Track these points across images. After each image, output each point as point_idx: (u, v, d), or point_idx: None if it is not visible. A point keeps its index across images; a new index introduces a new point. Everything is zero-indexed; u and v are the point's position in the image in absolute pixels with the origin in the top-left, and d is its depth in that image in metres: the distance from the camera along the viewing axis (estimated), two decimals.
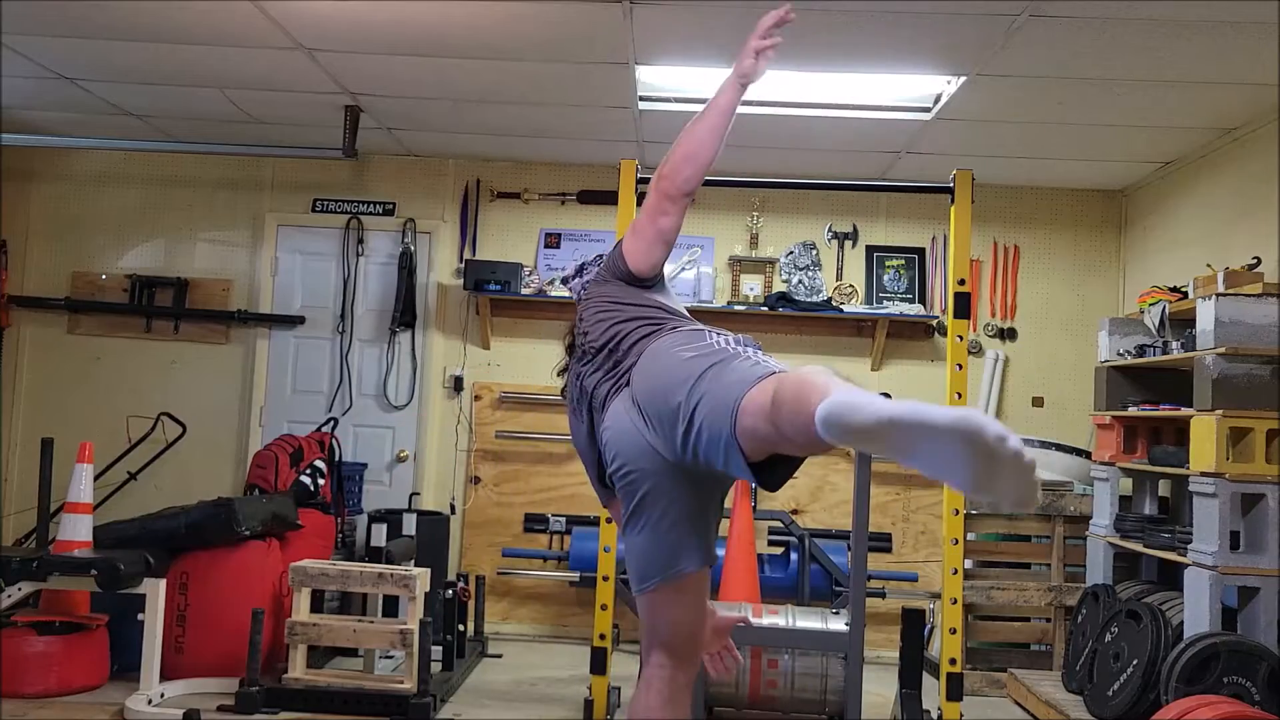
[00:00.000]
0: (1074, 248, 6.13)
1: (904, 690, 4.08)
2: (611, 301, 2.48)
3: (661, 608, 2.35)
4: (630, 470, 2.24)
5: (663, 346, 2.27)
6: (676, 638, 2.38)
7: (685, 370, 2.11)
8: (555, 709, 4.49)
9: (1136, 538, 4.70)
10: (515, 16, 4.01)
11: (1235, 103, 4.50)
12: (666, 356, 2.21)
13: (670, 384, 2.13)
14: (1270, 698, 3.65)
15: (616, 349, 2.37)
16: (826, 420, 1.59)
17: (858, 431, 1.57)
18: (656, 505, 2.25)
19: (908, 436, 1.53)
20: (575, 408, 2.52)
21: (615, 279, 2.52)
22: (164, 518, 4.55)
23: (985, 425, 1.46)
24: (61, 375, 6.28)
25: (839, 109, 4.91)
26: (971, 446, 1.47)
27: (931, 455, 1.51)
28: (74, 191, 6.36)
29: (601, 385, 2.37)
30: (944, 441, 1.49)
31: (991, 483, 1.49)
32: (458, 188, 6.27)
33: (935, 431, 1.49)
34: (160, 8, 4.10)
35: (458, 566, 5.97)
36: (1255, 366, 4.01)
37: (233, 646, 4.35)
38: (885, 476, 5.92)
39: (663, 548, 2.28)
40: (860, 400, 1.58)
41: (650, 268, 2.50)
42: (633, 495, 2.26)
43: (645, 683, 2.38)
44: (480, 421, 6.12)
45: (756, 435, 1.91)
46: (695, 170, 2.47)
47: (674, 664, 2.37)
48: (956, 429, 1.47)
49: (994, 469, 1.47)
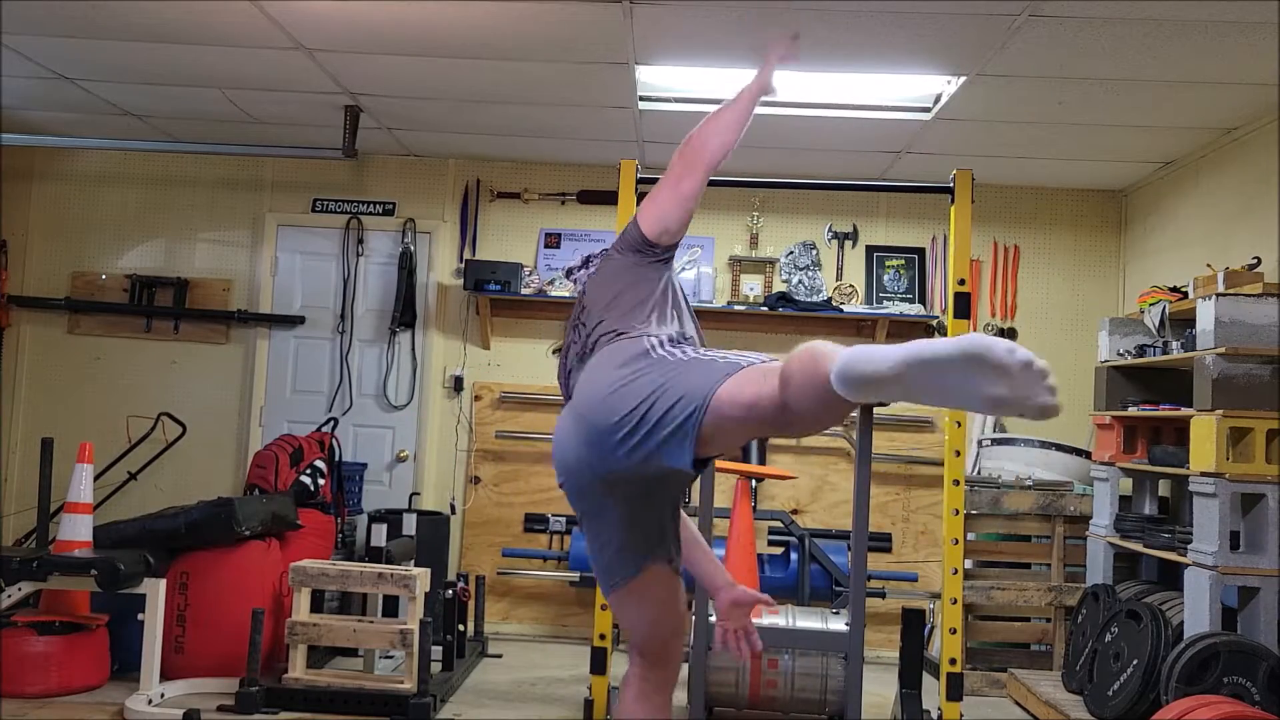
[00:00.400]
0: (1074, 248, 6.13)
1: (904, 690, 4.08)
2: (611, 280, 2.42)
3: (629, 608, 2.40)
4: (569, 482, 2.25)
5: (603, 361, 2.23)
6: (649, 637, 2.42)
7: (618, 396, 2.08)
8: (555, 709, 4.49)
9: (1136, 538, 4.70)
10: (515, 16, 4.01)
11: (1235, 103, 4.50)
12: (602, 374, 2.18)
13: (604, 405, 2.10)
14: (1270, 698, 3.65)
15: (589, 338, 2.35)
16: (844, 373, 1.63)
17: (875, 380, 1.62)
18: (605, 513, 2.28)
19: (923, 373, 1.59)
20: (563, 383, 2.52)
21: (626, 250, 2.45)
22: (164, 518, 4.55)
23: (992, 342, 1.54)
24: (61, 375, 6.28)
25: (839, 109, 4.91)
26: (983, 366, 1.53)
27: (949, 386, 1.58)
28: (74, 191, 6.36)
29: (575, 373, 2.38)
30: (957, 369, 1.55)
31: (1011, 396, 1.54)
32: (458, 188, 6.27)
33: (947, 362, 1.56)
34: (160, 8, 4.10)
35: (458, 566, 5.97)
36: (1255, 366, 4.01)
37: (233, 646, 4.35)
38: (885, 477, 5.92)
39: (616, 552, 2.32)
40: (872, 351, 1.64)
41: (665, 231, 2.42)
42: (582, 504, 2.29)
43: (624, 681, 2.47)
44: (480, 421, 6.12)
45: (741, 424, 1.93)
46: (721, 144, 2.48)
47: (642, 662, 2.42)
48: (966, 354, 1.54)
49: (1010, 382, 1.54)
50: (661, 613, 2.40)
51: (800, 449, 5.97)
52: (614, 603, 2.39)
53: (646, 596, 2.36)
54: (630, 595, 2.35)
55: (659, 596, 2.38)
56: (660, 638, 2.42)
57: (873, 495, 5.73)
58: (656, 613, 2.40)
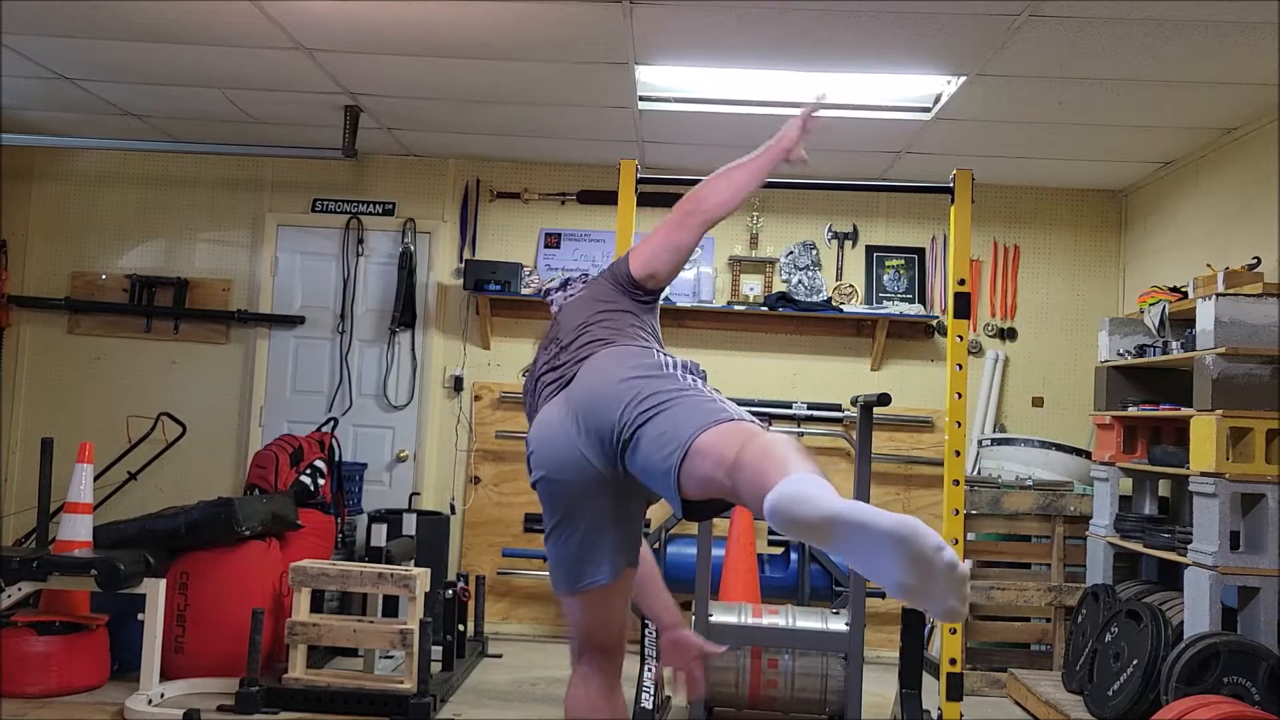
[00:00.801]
0: (1074, 248, 6.13)
1: (904, 690, 4.08)
2: (593, 300, 2.48)
3: (591, 610, 2.40)
4: (553, 481, 2.24)
5: (614, 357, 2.26)
6: (609, 635, 2.43)
7: (627, 390, 2.11)
8: (555, 709, 4.48)
9: (1136, 538, 4.69)
10: (515, 16, 4.00)
11: (1235, 103, 4.49)
12: (612, 371, 2.20)
13: (609, 399, 2.13)
14: (1270, 698, 3.65)
15: (568, 348, 2.37)
16: (774, 510, 1.61)
17: (802, 525, 1.60)
18: (581, 515, 2.27)
19: (850, 535, 1.56)
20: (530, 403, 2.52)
21: (611, 283, 2.52)
22: (164, 518, 4.55)
23: (923, 533, 1.51)
24: (61, 375, 6.28)
25: (839, 109, 4.90)
26: (908, 551, 1.51)
27: (869, 555, 1.55)
28: (74, 191, 6.36)
29: (545, 377, 2.38)
30: (884, 544, 1.53)
31: (924, 588, 1.53)
32: (458, 188, 6.27)
33: (874, 533, 1.54)
34: (160, 8, 4.10)
35: (458, 566, 5.97)
36: (1255, 366, 4.01)
37: (233, 646, 4.35)
38: (885, 476, 5.92)
39: (586, 556, 2.31)
40: (809, 492, 1.62)
41: (652, 276, 2.49)
42: (558, 504, 2.27)
43: (582, 678, 2.44)
44: (480, 421, 6.12)
45: (706, 481, 1.92)
46: (721, 202, 2.54)
47: (606, 656, 2.43)
48: (895, 533, 1.52)
49: (928, 576, 1.52)
50: (625, 612, 2.44)
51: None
52: (579, 604, 2.37)
53: (618, 598, 2.38)
54: (601, 597, 2.35)
55: (626, 598, 2.42)
56: (622, 635, 2.46)
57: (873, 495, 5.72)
58: (622, 613, 2.43)
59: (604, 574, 2.32)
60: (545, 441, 2.26)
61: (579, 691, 2.42)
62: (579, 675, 2.44)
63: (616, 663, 2.46)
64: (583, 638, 2.43)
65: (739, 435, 1.88)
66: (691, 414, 1.99)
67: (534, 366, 2.51)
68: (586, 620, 2.40)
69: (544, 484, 2.27)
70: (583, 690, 2.42)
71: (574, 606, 2.40)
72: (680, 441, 1.94)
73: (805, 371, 6.08)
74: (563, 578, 2.34)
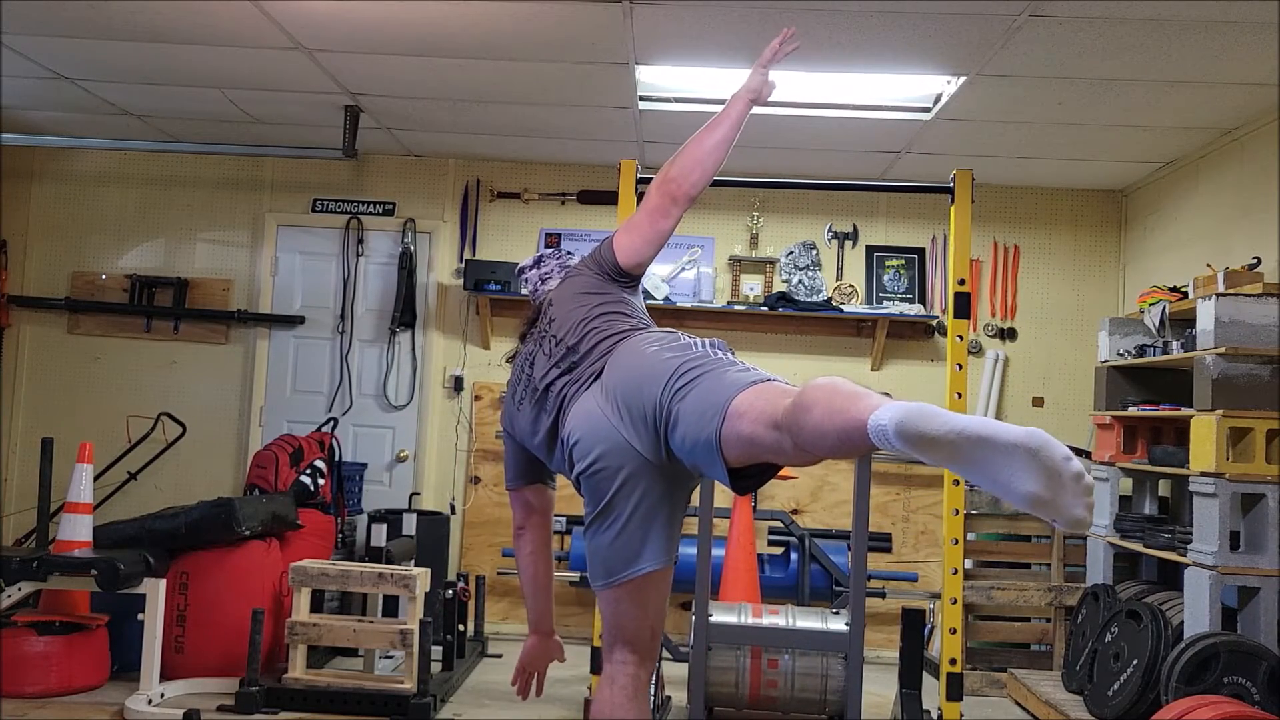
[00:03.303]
0: (1074, 248, 6.13)
1: (904, 690, 4.08)
2: (586, 294, 2.48)
3: (625, 605, 2.36)
4: (603, 467, 2.24)
5: (641, 343, 2.28)
6: (641, 634, 2.39)
7: (665, 367, 2.14)
8: (555, 709, 4.49)
9: (1136, 538, 4.70)
10: (515, 16, 4.01)
11: (1235, 103, 4.50)
12: (646, 354, 2.22)
13: (649, 380, 2.15)
14: (1270, 698, 3.65)
15: (577, 348, 2.37)
16: (904, 427, 1.64)
17: (930, 439, 1.63)
18: (626, 503, 2.25)
19: (975, 449, 1.60)
20: (516, 395, 2.51)
21: (597, 272, 2.52)
22: (164, 518, 4.55)
23: (1052, 442, 1.56)
24: (61, 375, 6.28)
25: (839, 109, 4.91)
26: (1037, 462, 1.56)
27: (998, 468, 1.59)
28: (74, 191, 6.36)
29: (557, 381, 2.37)
30: (1011, 456, 1.58)
31: (1054, 498, 1.57)
32: (458, 188, 6.27)
33: (1004, 446, 1.58)
34: (160, 8, 4.10)
35: (458, 566, 5.98)
36: (1255, 366, 4.01)
37: (233, 646, 4.36)
38: (885, 476, 5.92)
39: (628, 545, 2.28)
40: (932, 410, 1.66)
41: (639, 265, 2.52)
42: (603, 493, 2.26)
43: (608, 679, 2.40)
44: (480, 421, 6.12)
45: (750, 441, 1.93)
46: (703, 176, 2.51)
47: (637, 660, 2.39)
48: (1025, 445, 1.56)
49: (1056, 486, 1.56)
50: (663, 608, 2.42)
51: None
52: (615, 596, 2.34)
53: (655, 592, 2.36)
54: (639, 589, 2.32)
55: (664, 588, 2.39)
56: (659, 632, 2.43)
57: (873, 495, 5.74)
58: (659, 610, 2.40)
59: (645, 564, 2.30)
60: (588, 430, 2.25)
61: (604, 693, 2.39)
62: (605, 675, 2.41)
63: (648, 666, 2.42)
64: (614, 634, 2.39)
65: (778, 391, 1.93)
66: (724, 380, 2.03)
67: (528, 365, 2.49)
68: (620, 614, 2.36)
69: (591, 470, 2.26)
70: (606, 692, 2.38)
71: (609, 600, 2.36)
72: (718, 407, 1.97)
73: (805, 371, 6.07)
74: (601, 569, 2.32)
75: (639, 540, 2.29)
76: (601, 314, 2.41)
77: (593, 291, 2.48)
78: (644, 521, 2.28)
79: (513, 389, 2.55)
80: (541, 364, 2.43)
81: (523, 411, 2.48)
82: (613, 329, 2.37)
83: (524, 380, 2.48)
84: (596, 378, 2.30)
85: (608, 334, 2.36)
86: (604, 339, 2.35)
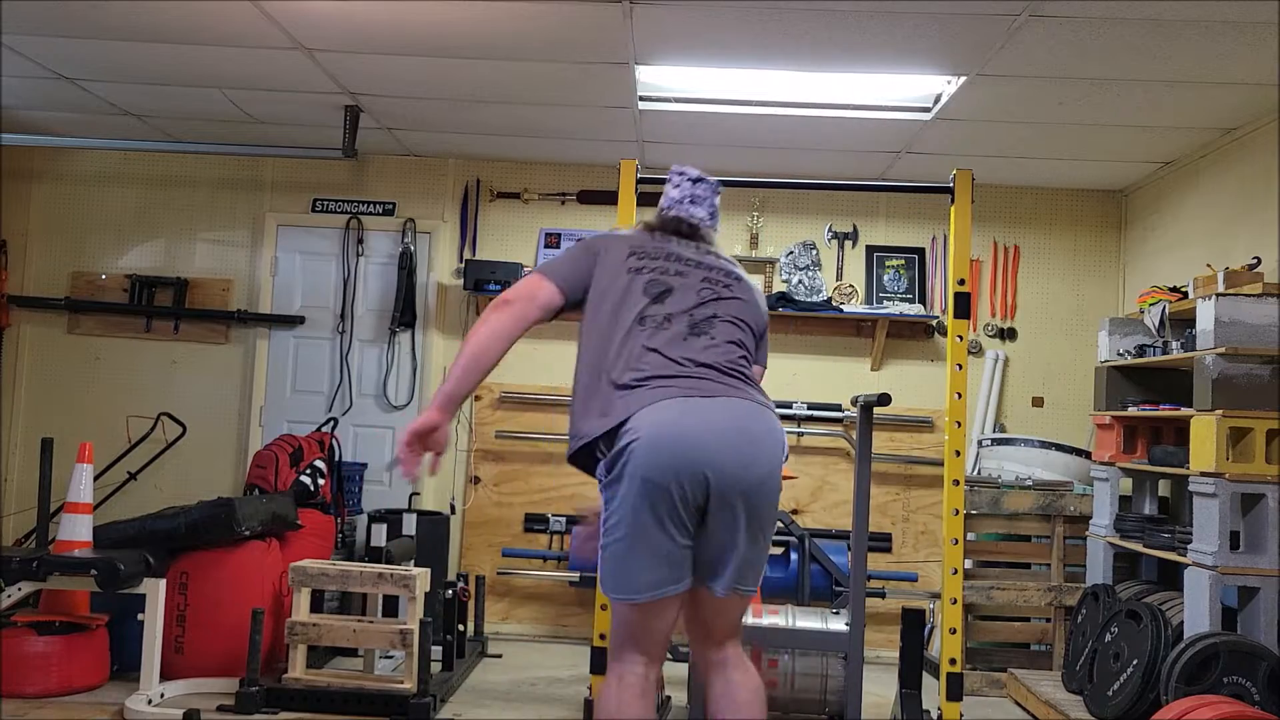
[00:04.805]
0: (1074, 248, 6.13)
1: (904, 690, 4.08)
2: (743, 322, 2.65)
3: (640, 615, 2.42)
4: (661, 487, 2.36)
5: (776, 433, 2.55)
6: (657, 641, 2.45)
7: (774, 509, 2.55)
8: (555, 709, 4.49)
9: (1136, 538, 4.70)
10: (515, 16, 4.01)
11: (1235, 103, 4.50)
12: (778, 459, 2.52)
13: (768, 497, 2.48)
14: (1270, 698, 3.65)
15: (709, 354, 2.53)
16: None
17: None
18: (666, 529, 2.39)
19: None
20: (637, 263, 2.64)
21: (753, 322, 2.68)
22: (164, 518, 4.55)
23: None
24: (61, 375, 6.28)
25: (839, 109, 4.91)
26: None
27: None
28: (74, 191, 6.36)
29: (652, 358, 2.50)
30: None
31: None
32: (458, 188, 6.27)
33: None
34: (160, 8, 4.10)
35: (458, 566, 5.98)
36: (1255, 366, 4.01)
37: (233, 646, 4.35)
38: (885, 476, 5.92)
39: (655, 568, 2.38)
40: None
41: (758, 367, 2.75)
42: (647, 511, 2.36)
43: (617, 677, 2.44)
44: (480, 421, 6.12)
45: (721, 616, 2.60)
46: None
47: (646, 661, 2.45)
48: None
49: None
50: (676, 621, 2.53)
51: (800, 449, 5.97)
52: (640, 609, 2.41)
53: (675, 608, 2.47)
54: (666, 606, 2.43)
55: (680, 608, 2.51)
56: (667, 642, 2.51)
57: (873, 495, 5.74)
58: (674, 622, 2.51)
59: (683, 584, 2.41)
60: (674, 450, 2.35)
61: (611, 691, 2.42)
62: (614, 674, 2.44)
63: (656, 667, 2.48)
64: (626, 638, 2.44)
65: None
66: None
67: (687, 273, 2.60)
68: (640, 624, 2.43)
69: (648, 485, 2.33)
70: (614, 689, 2.42)
71: (629, 610, 2.42)
72: (752, 583, 2.49)
73: (805, 371, 6.08)
74: (632, 584, 2.39)
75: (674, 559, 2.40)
76: (745, 355, 2.61)
77: (750, 328, 2.66)
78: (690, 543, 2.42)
79: (635, 250, 2.64)
80: (652, 334, 2.51)
81: (641, 285, 2.56)
82: (745, 374, 2.57)
83: (673, 277, 2.59)
84: (706, 397, 2.43)
85: (742, 375, 2.55)
86: (738, 375, 2.54)
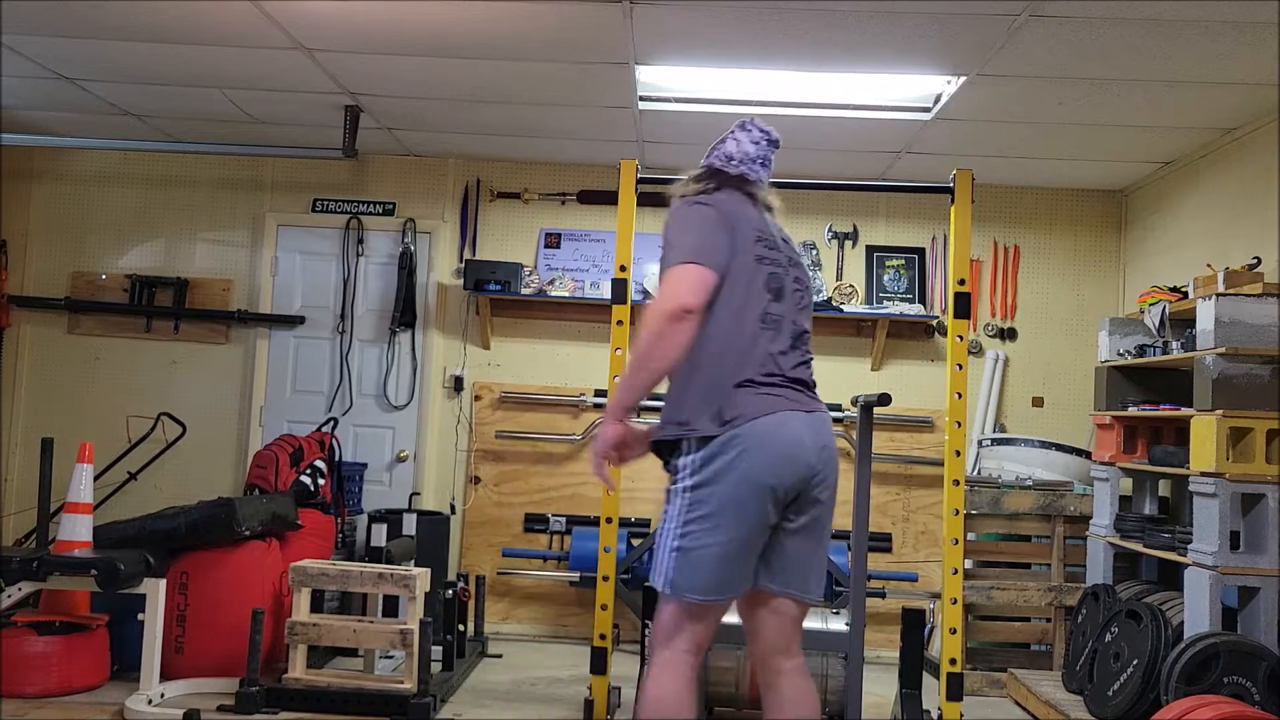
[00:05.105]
0: (1074, 248, 6.13)
1: (904, 690, 4.08)
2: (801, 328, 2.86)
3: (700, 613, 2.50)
4: (770, 489, 2.50)
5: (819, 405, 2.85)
6: (707, 636, 2.55)
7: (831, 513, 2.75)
8: (555, 709, 4.49)
9: (1136, 538, 4.70)
10: (515, 16, 4.01)
11: (1235, 103, 4.50)
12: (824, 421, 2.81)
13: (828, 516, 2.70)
14: (1270, 698, 3.65)
15: (801, 369, 2.74)
16: None
17: None
18: (758, 535, 2.54)
19: None
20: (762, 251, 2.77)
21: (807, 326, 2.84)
22: (164, 518, 4.55)
23: None
24: (61, 375, 6.29)
25: (839, 109, 4.91)
26: None
27: None
28: (74, 191, 6.36)
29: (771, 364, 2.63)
30: None
31: None
32: (458, 188, 6.27)
33: None
34: (160, 8, 4.10)
35: (458, 566, 5.98)
36: (1255, 366, 4.01)
37: (233, 646, 4.35)
38: (885, 476, 5.92)
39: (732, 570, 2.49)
40: None
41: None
42: (751, 514, 2.48)
43: (669, 666, 2.48)
44: (480, 421, 6.12)
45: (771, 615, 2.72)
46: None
47: (694, 652, 2.53)
48: None
49: None
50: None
51: None
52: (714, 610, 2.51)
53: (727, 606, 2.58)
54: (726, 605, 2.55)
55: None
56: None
57: (873, 495, 5.74)
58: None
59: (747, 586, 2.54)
60: (785, 459, 2.48)
61: (664, 678, 2.46)
62: (662, 662, 2.48)
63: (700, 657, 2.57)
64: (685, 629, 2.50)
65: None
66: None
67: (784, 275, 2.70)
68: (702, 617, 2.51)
69: (759, 491, 2.45)
70: (668, 678, 2.45)
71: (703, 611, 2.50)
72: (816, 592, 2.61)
73: None
74: (715, 585, 2.46)
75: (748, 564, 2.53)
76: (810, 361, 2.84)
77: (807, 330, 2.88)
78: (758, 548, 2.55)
79: (760, 234, 2.75)
80: (772, 340, 2.63)
81: (764, 277, 2.64)
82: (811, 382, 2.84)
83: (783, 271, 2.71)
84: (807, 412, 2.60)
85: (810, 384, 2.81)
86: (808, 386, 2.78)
